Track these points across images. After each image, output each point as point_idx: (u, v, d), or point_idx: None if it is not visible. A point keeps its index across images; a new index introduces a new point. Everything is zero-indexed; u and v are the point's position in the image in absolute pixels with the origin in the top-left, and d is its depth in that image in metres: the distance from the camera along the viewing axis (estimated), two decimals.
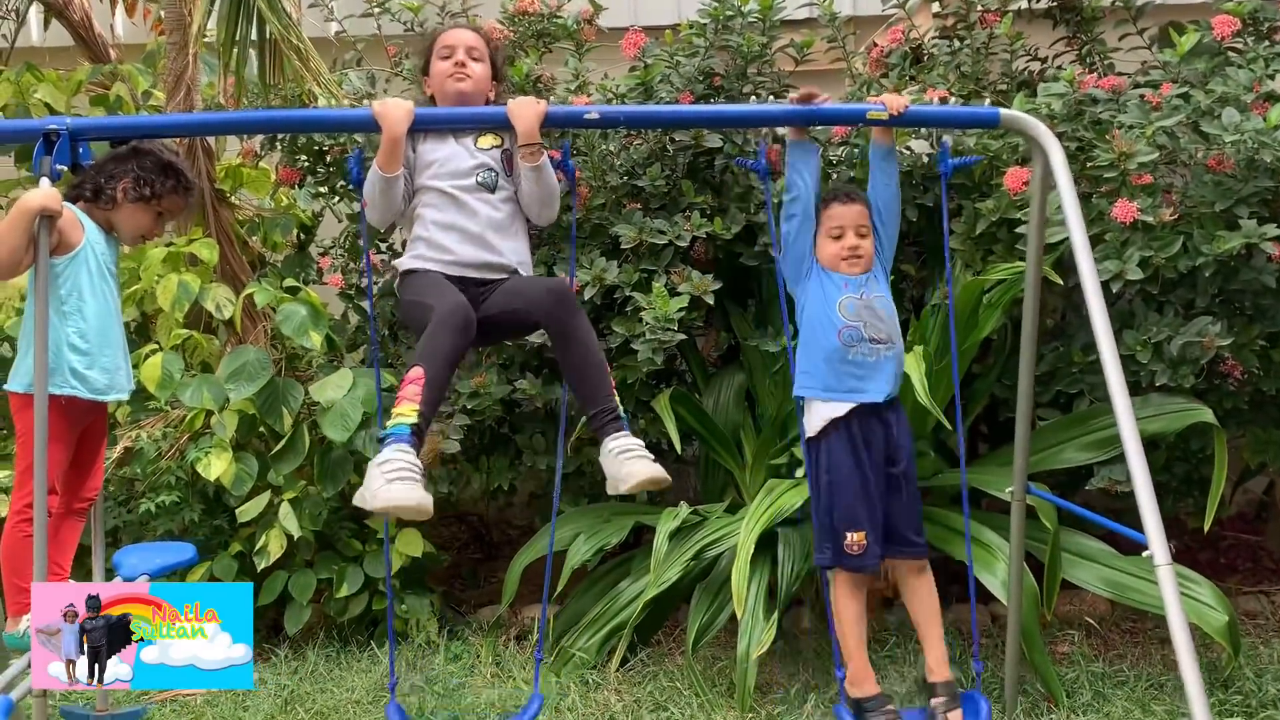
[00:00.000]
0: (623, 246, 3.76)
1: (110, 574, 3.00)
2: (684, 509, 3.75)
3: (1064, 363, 3.88)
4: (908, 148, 4.11)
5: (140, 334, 4.25)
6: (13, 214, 2.41)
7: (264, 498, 3.88)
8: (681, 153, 3.88)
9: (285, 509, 3.84)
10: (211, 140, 4.47)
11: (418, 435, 2.23)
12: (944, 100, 3.70)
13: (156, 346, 3.96)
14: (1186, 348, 3.54)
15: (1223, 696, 3.34)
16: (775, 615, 3.51)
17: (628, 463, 2.32)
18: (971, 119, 2.85)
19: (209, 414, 3.88)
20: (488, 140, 2.67)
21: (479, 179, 2.62)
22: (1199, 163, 3.60)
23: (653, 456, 2.36)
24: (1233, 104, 3.48)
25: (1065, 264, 3.65)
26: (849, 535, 2.73)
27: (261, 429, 3.96)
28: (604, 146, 3.95)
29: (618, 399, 2.47)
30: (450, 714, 3.36)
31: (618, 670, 3.70)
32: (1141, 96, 3.55)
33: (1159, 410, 3.60)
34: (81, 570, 3.08)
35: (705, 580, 3.76)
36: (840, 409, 2.80)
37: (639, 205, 3.88)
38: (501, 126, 2.58)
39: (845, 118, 2.94)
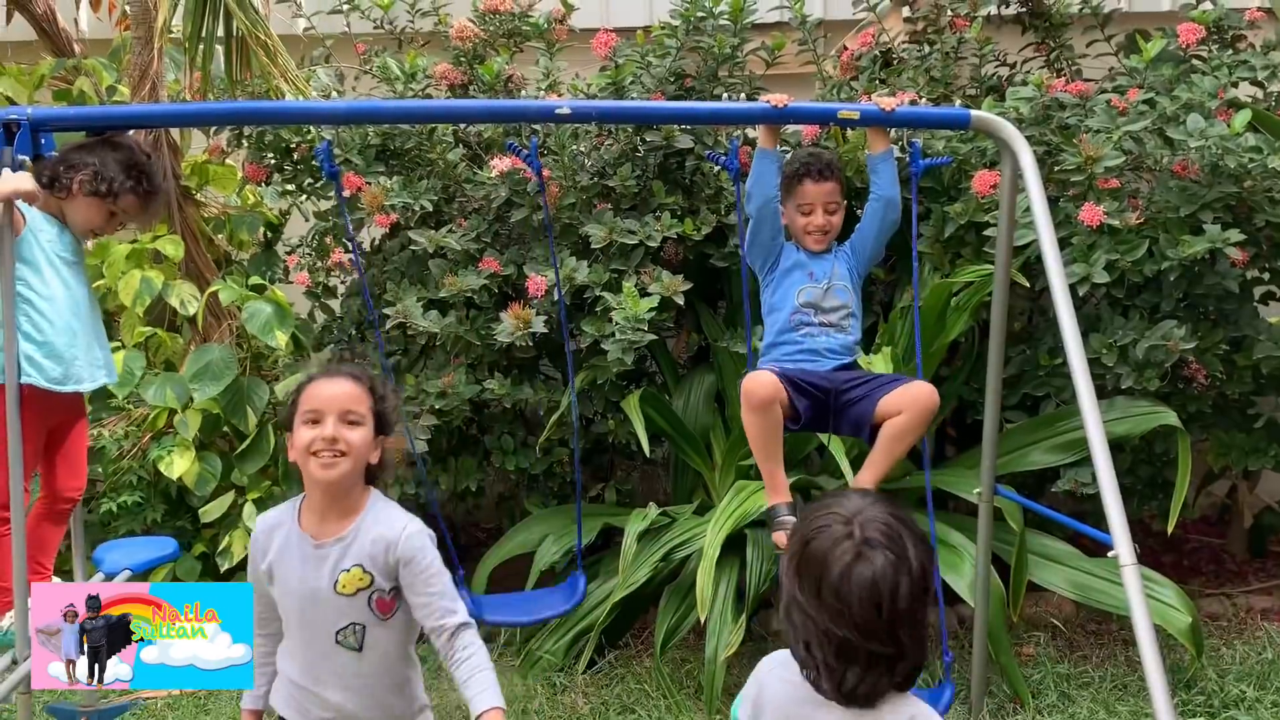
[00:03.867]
0: (593, 246, 3.75)
1: (91, 570, 2.97)
2: (653, 510, 3.74)
3: (1030, 366, 3.91)
4: None
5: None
6: None
7: (227, 498, 3.83)
8: (652, 153, 3.88)
9: (250, 509, 3.79)
10: (178, 136, 4.42)
11: None
12: (914, 103, 3.72)
13: (119, 344, 3.90)
14: (1151, 351, 3.57)
15: (1186, 697, 3.36)
16: (744, 617, 3.51)
17: None
18: (942, 120, 2.86)
19: (172, 413, 3.83)
20: (352, 581, 1.99)
21: (339, 639, 2.01)
22: (1164, 168, 3.64)
23: None
24: (1198, 110, 3.52)
25: (1032, 267, 3.69)
26: (761, 373, 2.67)
27: (225, 428, 3.91)
28: (575, 146, 3.94)
29: None
30: None
31: (585, 673, 3.68)
32: (1108, 102, 3.58)
33: (1124, 413, 3.62)
34: (61, 569, 3.04)
35: (674, 582, 3.75)
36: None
37: (609, 205, 3.87)
38: None
39: (818, 116, 2.95)
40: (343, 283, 4.34)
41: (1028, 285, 3.62)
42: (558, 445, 4.12)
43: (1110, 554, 2.32)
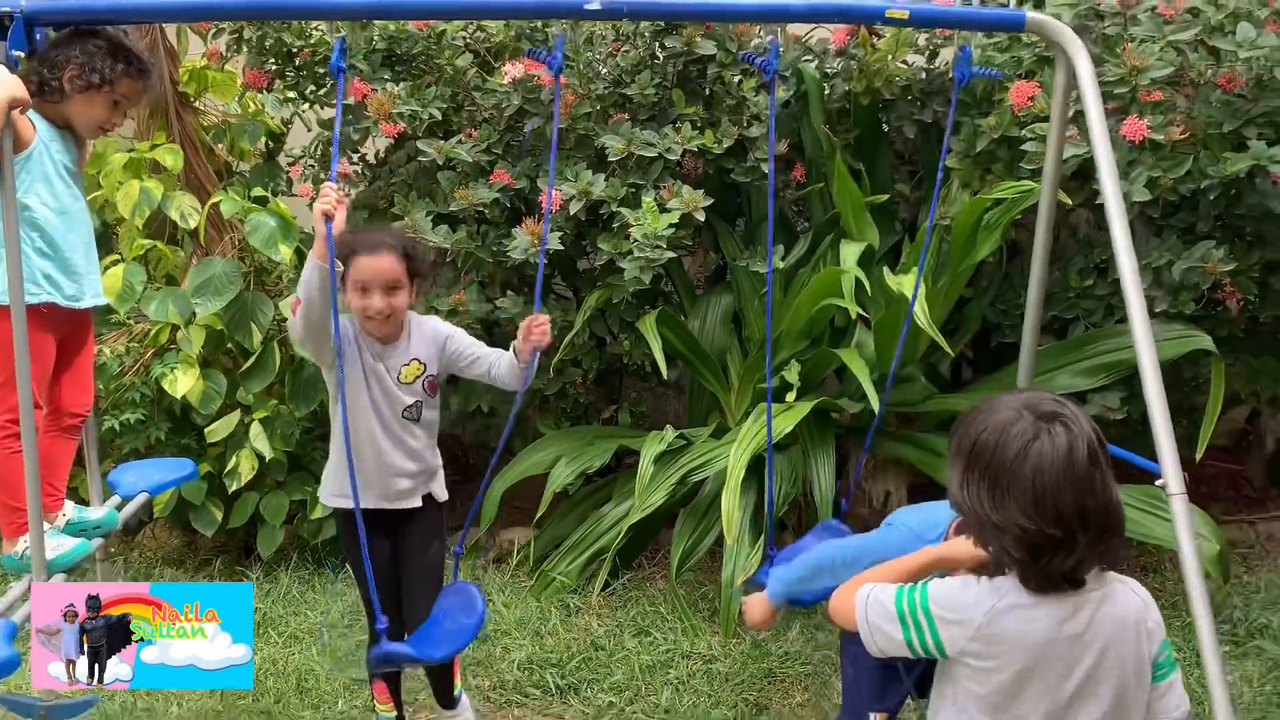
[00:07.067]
0: (610, 159, 3.59)
1: (107, 493, 2.87)
2: (670, 432, 3.65)
3: (1059, 287, 3.79)
4: (904, 61, 3.96)
5: (101, 245, 4.02)
6: None
7: (233, 417, 3.74)
8: (672, 61, 3.70)
9: (256, 429, 3.70)
10: (174, 40, 4.22)
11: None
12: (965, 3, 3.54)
13: (118, 257, 3.77)
14: (1188, 273, 3.45)
15: None
16: (761, 540, 3.44)
17: None
18: (996, 21, 2.68)
19: (175, 329, 3.71)
20: (412, 371, 2.50)
21: (405, 414, 2.50)
22: (1208, 81, 3.48)
23: None
24: (1246, 20, 3.35)
25: (1067, 184, 3.55)
26: None
27: (230, 345, 3.80)
28: (589, 53, 3.76)
29: (458, 687, 2.79)
30: None
31: (599, 594, 3.63)
32: (1155, 8, 3.40)
33: (1157, 337, 3.47)
34: (74, 491, 2.94)
35: (690, 505, 3.68)
36: None
37: (626, 116, 3.71)
38: None
39: (864, 15, 2.75)
40: (348, 194, 4.19)
41: (1069, 203, 3.48)
42: (570, 365, 4.02)
43: (1158, 483, 2.23)
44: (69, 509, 2.64)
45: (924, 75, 3.94)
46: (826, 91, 3.99)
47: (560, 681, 3.10)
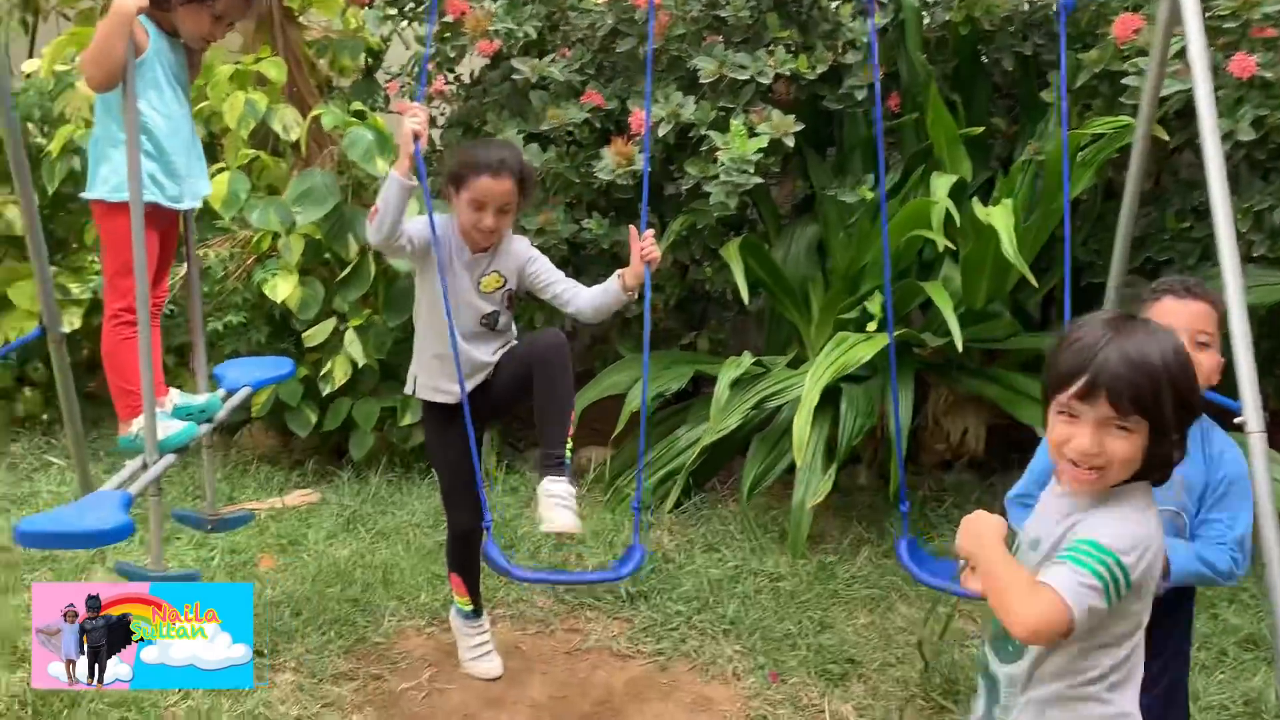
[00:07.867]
0: (701, 81, 3.60)
1: (213, 385, 3.04)
2: (747, 358, 3.70)
3: (1156, 229, 3.71)
4: None
5: (207, 154, 4.19)
6: (112, 21, 2.34)
7: (329, 323, 3.89)
8: None
9: (350, 336, 3.85)
10: None
11: (477, 613, 2.87)
12: None
13: (224, 166, 3.92)
14: None
15: None
16: (833, 469, 3.49)
17: (555, 509, 2.53)
18: None
19: (275, 236, 3.86)
20: (491, 283, 2.62)
21: (483, 322, 2.64)
22: None
23: (577, 509, 2.57)
24: None
25: (1169, 123, 3.46)
26: None
27: (328, 255, 3.94)
28: None
29: (568, 450, 2.62)
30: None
31: (671, 512, 3.72)
32: None
33: (1254, 282, 3.40)
34: (176, 381, 3.12)
35: (764, 431, 3.74)
36: None
37: (720, 38, 3.70)
38: None
39: None
40: (443, 113, 4.28)
41: (1167, 139, 3.39)
42: (652, 291, 4.07)
43: (1238, 419, 2.21)
44: (174, 395, 2.81)
45: (1026, 7, 3.85)
46: (926, 20, 3.93)
47: (631, 589, 3.21)
